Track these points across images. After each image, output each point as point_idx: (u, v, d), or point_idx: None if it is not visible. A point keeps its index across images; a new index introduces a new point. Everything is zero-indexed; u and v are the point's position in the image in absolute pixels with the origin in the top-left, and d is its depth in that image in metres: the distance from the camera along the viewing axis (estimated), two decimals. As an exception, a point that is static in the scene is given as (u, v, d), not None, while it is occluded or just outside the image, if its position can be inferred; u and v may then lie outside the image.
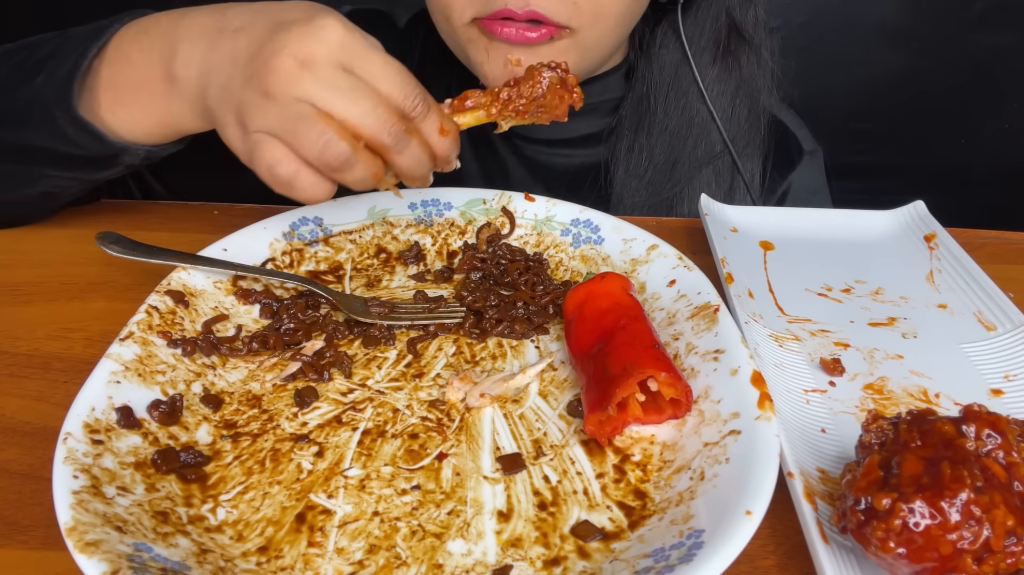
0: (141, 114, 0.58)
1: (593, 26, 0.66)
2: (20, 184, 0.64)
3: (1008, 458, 0.35)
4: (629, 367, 0.45)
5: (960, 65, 1.42)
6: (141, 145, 0.60)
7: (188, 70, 0.53)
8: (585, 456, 0.45)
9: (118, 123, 0.58)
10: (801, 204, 0.84)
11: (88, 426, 0.42)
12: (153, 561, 0.35)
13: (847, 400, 0.49)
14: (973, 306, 0.58)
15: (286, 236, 0.63)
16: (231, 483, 0.43)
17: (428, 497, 0.43)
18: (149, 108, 0.57)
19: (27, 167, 0.62)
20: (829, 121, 1.31)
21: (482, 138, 0.83)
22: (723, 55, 0.77)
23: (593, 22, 0.66)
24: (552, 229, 0.66)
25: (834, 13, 1.40)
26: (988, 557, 0.33)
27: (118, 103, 0.58)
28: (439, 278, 0.63)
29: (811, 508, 0.39)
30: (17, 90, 0.59)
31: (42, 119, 0.58)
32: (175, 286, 0.54)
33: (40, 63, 0.59)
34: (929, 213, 0.68)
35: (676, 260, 0.58)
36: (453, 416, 0.49)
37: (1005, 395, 0.50)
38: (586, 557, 0.39)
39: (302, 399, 0.49)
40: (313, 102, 0.47)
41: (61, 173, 0.63)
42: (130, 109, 0.58)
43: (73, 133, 0.57)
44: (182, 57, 0.54)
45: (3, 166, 0.62)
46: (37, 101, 0.58)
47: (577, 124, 0.81)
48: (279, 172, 0.48)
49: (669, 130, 0.78)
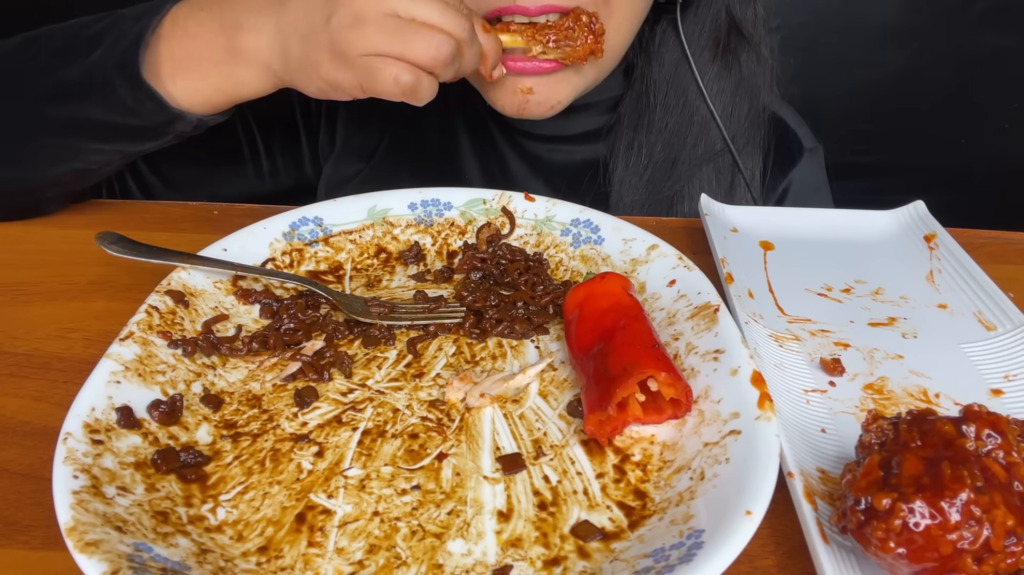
0: (203, 82, 0.61)
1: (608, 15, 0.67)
2: (57, 160, 0.66)
3: (1008, 458, 0.35)
4: (629, 367, 0.45)
5: (960, 65, 1.42)
6: (194, 114, 0.63)
7: (257, 38, 0.59)
8: (585, 456, 0.45)
9: (178, 92, 0.61)
10: (802, 202, 0.84)
11: (88, 426, 0.42)
12: (153, 561, 0.35)
13: (847, 400, 0.49)
14: (973, 306, 0.58)
15: (286, 236, 0.63)
16: (231, 483, 0.43)
17: (428, 497, 0.43)
18: (211, 77, 0.61)
19: (70, 140, 0.64)
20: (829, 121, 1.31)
21: (483, 134, 0.83)
22: (723, 53, 0.77)
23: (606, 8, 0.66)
24: (552, 229, 0.66)
25: (834, 13, 1.40)
26: (988, 557, 0.33)
27: (179, 73, 0.61)
28: (439, 278, 0.63)
29: (811, 508, 0.39)
30: (68, 67, 0.62)
31: (101, 90, 0.60)
32: (175, 286, 0.54)
33: (93, 40, 0.62)
34: (929, 213, 0.68)
35: (676, 260, 0.58)
36: (453, 416, 0.49)
37: (1005, 395, 0.50)
38: (586, 557, 0.39)
39: (302, 399, 0.49)
40: (399, 13, 0.54)
41: (104, 146, 0.65)
42: (191, 78, 0.61)
43: (132, 101, 0.60)
44: (249, 27, 0.59)
45: (45, 140, 0.64)
46: (96, 73, 0.60)
47: (577, 121, 0.81)
48: (405, 80, 0.54)
49: (669, 128, 0.78)
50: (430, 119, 0.84)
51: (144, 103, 0.60)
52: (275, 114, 0.84)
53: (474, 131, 0.83)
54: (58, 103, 0.62)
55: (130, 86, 0.60)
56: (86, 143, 0.64)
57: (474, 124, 0.83)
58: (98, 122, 0.62)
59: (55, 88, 0.62)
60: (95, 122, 0.62)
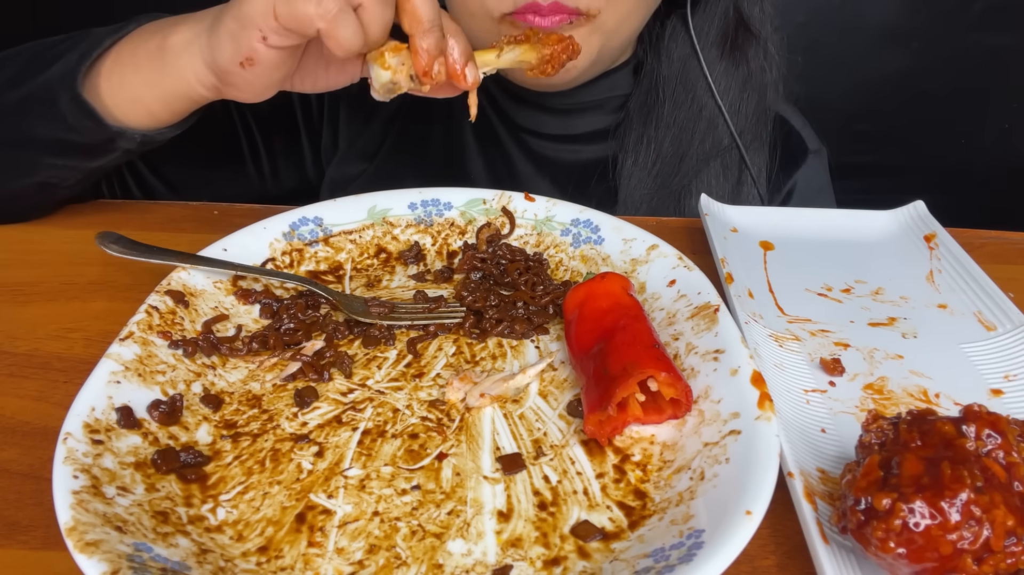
0: (144, 88, 0.60)
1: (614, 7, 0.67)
2: (19, 174, 0.65)
3: (1008, 458, 0.35)
4: (629, 367, 0.45)
5: (960, 65, 1.43)
6: (138, 129, 0.62)
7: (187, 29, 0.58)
8: (585, 456, 0.45)
9: (119, 106, 0.61)
10: (806, 203, 0.84)
11: (88, 426, 0.42)
12: (153, 561, 0.35)
13: (847, 400, 0.49)
14: (973, 306, 0.58)
15: (286, 236, 0.63)
16: (231, 483, 0.43)
17: (428, 497, 0.43)
18: (151, 79, 0.60)
19: (25, 155, 0.64)
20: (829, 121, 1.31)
21: (488, 133, 0.83)
22: (731, 49, 0.78)
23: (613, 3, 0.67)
24: (552, 229, 0.66)
25: (834, 13, 1.40)
26: (988, 557, 0.33)
27: (121, 84, 0.60)
28: (439, 278, 0.63)
29: (811, 508, 0.39)
30: (26, 81, 0.62)
31: (44, 104, 0.60)
32: (175, 286, 0.54)
33: (57, 56, 0.62)
34: (929, 213, 0.68)
35: (676, 260, 0.58)
36: (453, 416, 0.49)
37: (1005, 395, 0.50)
38: (586, 557, 0.39)
39: (302, 399, 0.49)
40: None
41: (58, 161, 0.64)
42: (132, 86, 0.60)
43: (72, 117, 0.60)
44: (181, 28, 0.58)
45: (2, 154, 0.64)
46: (44, 86, 0.60)
47: (584, 120, 0.82)
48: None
49: (677, 123, 0.79)
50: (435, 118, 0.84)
51: (82, 120, 0.60)
52: (276, 115, 0.84)
53: (479, 130, 0.83)
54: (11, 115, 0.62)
55: (70, 100, 0.59)
56: (39, 156, 0.64)
57: (480, 123, 0.83)
58: (46, 138, 0.62)
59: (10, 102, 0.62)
60: (41, 137, 0.62)
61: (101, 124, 0.60)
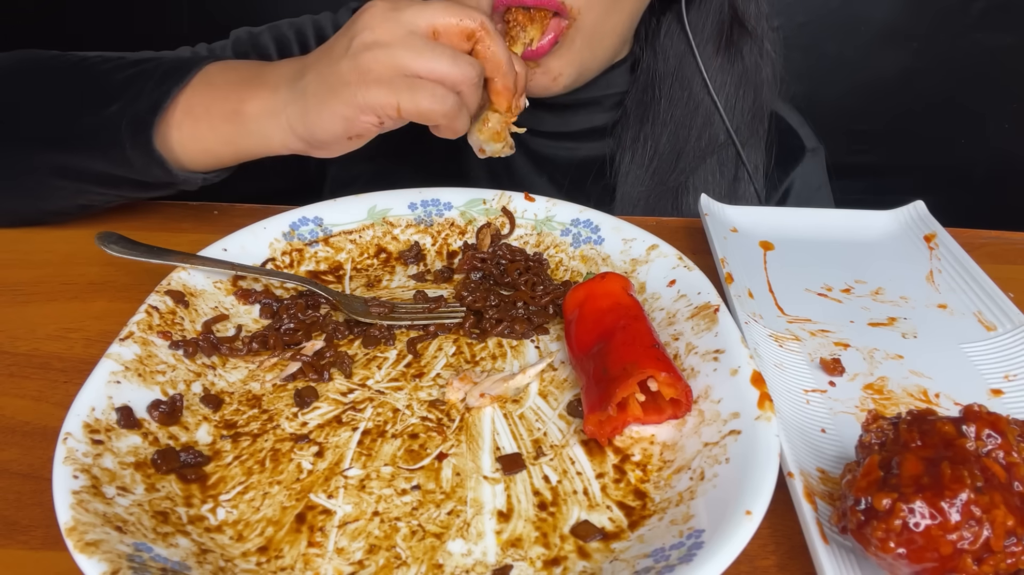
0: (219, 145, 0.61)
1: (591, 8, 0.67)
2: (63, 198, 0.66)
3: (1008, 458, 0.35)
4: (629, 367, 0.45)
5: (960, 65, 1.43)
6: (199, 173, 0.63)
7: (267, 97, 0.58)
8: (585, 456, 0.45)
9: (188, 155, 0.61)
10: (803, 201, 0.84)
11: (88, 426, 0.42)
12: (153, 561, 0.35)
13: (847, 400, 0.49)
14: (973, 306, 0.58)
15: (286, 236, 0.63)
16: (231, 483, 0.43)
17: (428, 497, 0.43)
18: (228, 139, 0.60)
19: (75, 184, 0.64)
20: (829, 121, 1.32)
21: None
22: (726, 46, 0.78)
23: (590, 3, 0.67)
24: (552, 229, 0.66)
25: (834, 13, 1.40)
26: (988, 557, 0.33)
27: (193, 138, 0.60)
28: (439, 278, 0.63)
29: (811, 508, 0.39)
30: (82, 117, 0.61)
31: (109, 146, 0.60)
32: (175, 286, 0.54)
33: (113, 93, 0.61)
34: (929, 213, 0.68)
35: (676, 260, 0.58)
36: (453, 416, 0.49)
37: (1005, 395, 0.50)
38: (586, 557, 0.39)
39: (302, 399, 0.49)
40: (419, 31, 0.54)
41: (110, 192, 0.65)
42: (206, 141, 0.60)
43: (139, 163, 0.60)
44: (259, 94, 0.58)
45: (50, 181, 0.64)
46: (108, 127, 0.59)
47: (581, 117, 0.82)
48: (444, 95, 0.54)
49: (674, 120, 0.79)
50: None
51: (150, 167, 0.60)
52: None
53: None
54: (66, 151, 0.62)
55: (140, 151, 0.59)
56: (90, 186, 0.64)
57: None
58: (106, 173, 0.62)
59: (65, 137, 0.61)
60: (103, 173, 0.62)
61: (169, 172, 0.60)
